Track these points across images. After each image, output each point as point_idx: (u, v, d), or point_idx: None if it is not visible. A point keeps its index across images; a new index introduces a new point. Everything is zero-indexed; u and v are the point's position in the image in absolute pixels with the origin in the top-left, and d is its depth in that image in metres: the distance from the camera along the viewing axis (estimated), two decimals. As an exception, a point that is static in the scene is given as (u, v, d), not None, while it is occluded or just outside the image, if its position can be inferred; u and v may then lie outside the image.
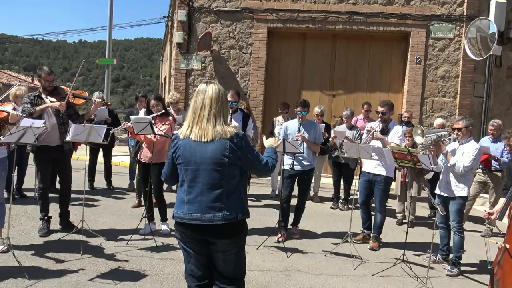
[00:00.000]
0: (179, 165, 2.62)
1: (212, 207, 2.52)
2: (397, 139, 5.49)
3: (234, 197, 2.58)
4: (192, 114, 2.61)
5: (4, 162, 4.59)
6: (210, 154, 2.52)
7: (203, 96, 2.59)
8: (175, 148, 2.64)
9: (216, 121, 2.56)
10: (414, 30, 10.09)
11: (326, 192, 8.66)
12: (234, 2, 10.36)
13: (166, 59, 16.46)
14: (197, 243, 2.62)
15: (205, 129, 2.54)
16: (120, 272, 4.24)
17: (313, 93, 10.61)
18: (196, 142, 2.55)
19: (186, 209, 2.56)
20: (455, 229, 4.85)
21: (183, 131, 2.62)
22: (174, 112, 7.19)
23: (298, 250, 5.29)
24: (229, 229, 2.56)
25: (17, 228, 5.37)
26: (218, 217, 2.51)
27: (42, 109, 4.99)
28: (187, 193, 2.58)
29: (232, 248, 2.61)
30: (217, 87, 2.63)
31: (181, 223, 2.59)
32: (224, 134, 2.54)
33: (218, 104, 2.58)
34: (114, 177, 8.55)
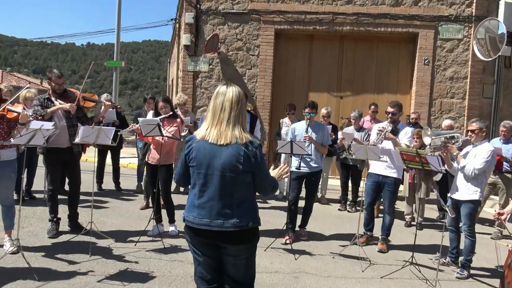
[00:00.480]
0: (192, 168, 2.57)
1: (223, 213, 2.48)
2: (406, 140, 5.46)
3: (246, 205, 2.54)
4: (211, 115, 2.56)
5: (13, 164, 4.63)
6: (224, 159, 2.47)
7: (223, 98, 2.54)
8: (188, 149, 2.59)
9: (235, 125, 2.51)
10: (422, 31, 10.03)
11: (333, 194, 8.62)
12: (241, 4, 10.37)
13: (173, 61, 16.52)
14: (207, 247, 2.58)
15: (224, 131, 2.49)
16: (128, 274, 4.25)
17: (321, 94, 10.58)
18: (211, 145, 2.50)
19: (196, 213, 2.53)
20: (466, 233, 4.80)
21: (200, 132, 2.57)
22: (181, 113, 7.22)
23: (306, 252, 5.28)
24: (239, 236, 2.51)
25: (27, 229, 5.41)
26: (228, 224, 2.47)
27: (52, 111, 5.03)
28: (198, 197, 2.54)
29: (243, 253, 2.57)
30: (237, 90, 2.59)
31: (191, 227, 2.57)
32: (240, 140, 2.48)
33: (238, 108, 2.53)
34: (122, 178, 8.59)
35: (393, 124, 5.48)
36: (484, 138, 4.83)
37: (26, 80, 41.42)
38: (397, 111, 5.46)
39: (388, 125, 5.42)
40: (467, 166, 4.68)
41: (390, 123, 5.45)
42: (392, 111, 5.45)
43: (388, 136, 5.35)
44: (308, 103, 5.73)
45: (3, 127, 4.46)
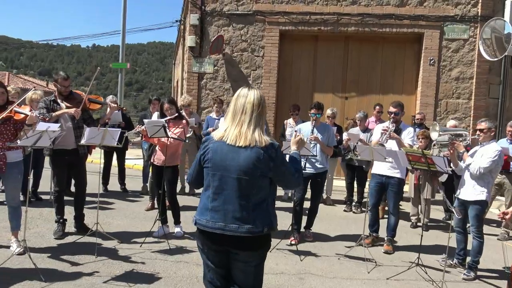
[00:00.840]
0: (207, 169, 2.50)
1: (238, 217, 2.40)
2: (409, 139, 5.47)
3: (261, 209, 2.45)
4: (231, 117, 2.50)
5: (20, 165, 4.66)
6: (242, 162, 2.40)
7: (245, 100, 2.48)
8: (204, 150, 2.52)
9: (255, 127, 2.45)
10: (427, 31, 10.00)
11: (338, 195, 8.60)
12: (246, 6, 10.39)
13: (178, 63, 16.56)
14: (217, 254, 2.51)
15: (244, 133, 2.42)
16: (134, 275, 4.26)
17: (326, 95, 10.57)
18: (229, 147, 2.43)
19: (209, 216, 2.45)
20: (474, 234, 4.78)
21: (218, 133, 2.51)
22: (186, 115, 7.23)
23: (311, 253, 5.27)
24: (253, 241, 2.43)
25: (33, 230, 5.44)
26: (242, 229, 2.39)
27: (57, 115, 5.06)
28: (211, 200, 2.47)
29: (254, 260, 2.50)
30: (259, 93, 2.54)
31: (203, 231, 2.49)
32: (260, 143, 2.41)
33: (259, 111, 2.48)
34: (128, 180, 8.61)
35: (396, 124, 5.47)
36: (492, 138, 4.81)
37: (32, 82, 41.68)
38: (400, 111, 5.46)
39: (391, 125, 5.42)
40: (473, 165, 4.66)
41: (393, 123, 5.44)
42: (395, 111, 5.45)
43: (392, 136, 5.34)
44: (314, 104, 5.73)
45: (9, 129, 4.49)
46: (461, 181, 4.94)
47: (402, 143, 5.34)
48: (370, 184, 5.68)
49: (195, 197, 8.15)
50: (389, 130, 5.32)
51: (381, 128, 5.52)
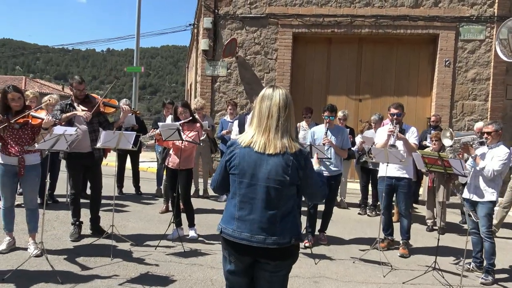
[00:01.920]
0: (233, 176, 2.38)
1: (265, 228, 2.28)
2: (414, 139, 5.46)
3: (289, 220, 2.33)
4: (257, 122, 2.36)
5: (38, 168, 4.73)
6: (271, 169, 2.28)
7: (270, 103, 2.34)
8: (230, 155, 2.39)
9: (283, 133, 2.31)
10: (442, 32, 9.90)
11: (352, 198, 8.55)
12: (259, 9, 10.41)
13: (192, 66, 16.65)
14: (241, 264, 2.40)
15: (272, 140, 2.29)
16: (149, 277, 4.28)
17: (339, 98, 10.52)
18: (257, 154, 2.30)
19: (235, 226, 2.33)
20: (485, 235, 4.72)
21: (246, 139, 2.36)
22: (199, 118, 7.25)
23: (326, 256, 5.23)
24: (280, 253, 2.31)
25: (50, 233, 5.51)
26: (269, 241, 2.27)
27: (67, 116, 5.12)
28: (238, 209, 2.34)
29: (282, 269, 2.39)
30: (285, 92, 2.38)
31: (228, 240, 2.38)
32: (290, 149, 2.29)
33: (286, 113, 2.33)
34: (142, 182, 8.68)
35: (398, 125, 5.45)
36: (499, 140, 4.79)
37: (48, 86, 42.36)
38: (401, 112, 5.46)
39: (395, 126, 5.39)
40: (487, 168, 4.63)
41: (396, 124, 5.41)
42: (397, 112, 5.43)
43: (399, 137, 5.33)
44: (327, 106, 5.71)
45: (27, 133, 4.57)
46: (469, 183, 4.90)
47: (409, 143, 5.34)
48: (379, 187, 5.65)
49: (209, 199, 8.17)
50: (395, 131, 5.30)
51: (386, 130, 5.49)
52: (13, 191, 4.75)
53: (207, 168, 8.47)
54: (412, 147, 5.31)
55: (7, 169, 4.54)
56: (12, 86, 4.59)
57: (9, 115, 4.49)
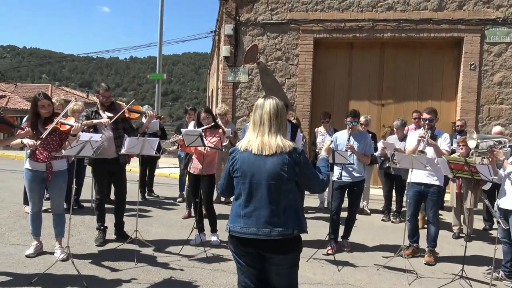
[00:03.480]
0: (236, 178, 2.63)
1: (269, 222, 2.51)
2: (446, 145, 5.32)
3: (290, 212, 2.55)
4: (252, 128, 2.66)
5: (65, 174, 4.84)
6: (269, 168, 2.52)
7: (261, 111, 2.63)
8: (232, 161, 2.65)
9: (277, 134, 2.58)
10: (467, 35, 9.71)
11: (375, 204, 8.43)
12: (280, 15, 10.44)
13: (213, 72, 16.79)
14: (251, 257, 2.61)
15: (267, 142, 2.56)
16: (172, 282, 4.31)
17: (361, 103, 10.42)
18: (255, 156, 2.56)
19: (242, 223, 2.56)
20: None
21: (243, 144, 2.64)
22: (222, 124, 7.30)
23: (349, 263, 5.17)
24: (285, 244, 2.53)
25: (76, 237, 5.61)
26: (275, 232, 2.50)
27: (87, 124, 5.21)
28: (243, 207, 2.58)
29: (286, 263, 2.58)
30: (275, 102, 2.65)
31: (236, 237, 2.59)
32: (284, 148, 2.54)
33: (278, 120, 2.61)
34: (164, 188, 8.79)
35: (430, 131, 5.33)
36: None
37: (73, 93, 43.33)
38: (434, 117, 5.33)
39: (426, 132, 5.28)
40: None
41: (428, 129, 5.29)
42: (429, 118, 5.31)
43: (430, 143, 5.20)
44: (350, 112, 5.66)
45: (55, 139, 4.68)
46: (501, 190, 4.75)
47: (440, 150, 5.20)
48: (407, 193, 5.53)
49: (229, 205, 8.17)
50: (426, 137, 5.18)
51: (417, 135, 5.38)
52: (41, 196, 4.86)
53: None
54: (443, 154, 5.17)
55: (36, 174, 4.66)
56: (42, 93, 4.72)
57: (39, 121, 4.61)
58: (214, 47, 15.90)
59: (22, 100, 33.96)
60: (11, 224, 6.05)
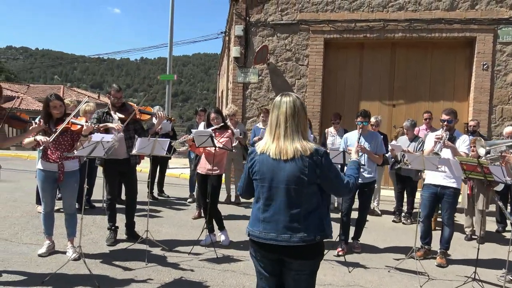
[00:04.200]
0: (255, 181, 2.52)
1: (289, 227, 2.38)
2: (465, 148, 5.23)
3: (313, 217, 2.41)
4: (269, 130, 2.51)
5: (77, 174, 4.88)
6: (288, 172, 2.38)
7: (278, 112, 2.47)
8: (251, 162, 2.54)
9: (294, 138, 2.41)
10: (480, 35, 9.61)
11: (386, 205, 8.38)
12: (290, 15, 10.42)
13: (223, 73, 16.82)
14: (270, 263, 2.51)
15: (283, 146, 2.40)
16: (183, 282, 4.32)
17: (372, 103, 10.37)
18: (273, 160, 2.42)
19: (261, 227, 2.45)
20: None
21: (260, 146, 2.52)
22: (231, 124, 7.31)
23: (359, 264, 5.14)
24: (306, 250, 2.40)
25: (87, 237, 5.65)
26: (295, 238, 2.37)
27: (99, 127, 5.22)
28: (262, 211, 2.47)
29: (306, 269, 2.47)
30: (292, 100, 2.47)
31: (256, 241, 2.49)
32: (304, 151, 2.37)
33: (295, 120, 2.43)
34: (175, 188, 8.81)
35: (449, 132, 5.26)
36: None
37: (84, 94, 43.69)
38: (453, 119, 5.25)
39: (445, 133, 5.21)
40: None
41: (446, 131, 5.23)
42: (448, 119, 5.24)
43: (447, 145, 5.13)
44: (360, 112, 5.63)
45: (67, 140, 4.72)
46: None
47: (457, 152, 5.12)
48: (422, 194, 5.48)
49: (239, 206, 8.19)
50: (443, 138, 5.11)
51: (434, 136, 5.32)
52: (53, 196, 4.91)
53: (239, 175, 8.50)
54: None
55: (48, 175, 4.70)
56: (54, 94, 4.77)
57: (50, 122, 4.65)
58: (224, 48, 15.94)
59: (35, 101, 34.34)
60: (24, 224, 6.12)
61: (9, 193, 8.14)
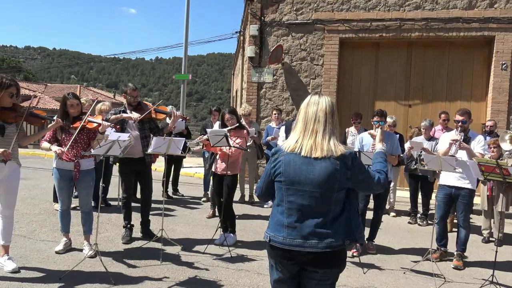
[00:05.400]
0: (279, 183, 2.37)
1: (316, 233, 2.25)
2: (480, 148, 5.14)
3: (340, 221, 2.30)
4: (303, 126, 2.36)
5: (92, 172, 4.93)
6: (318, 175, 2.25)
7: (317, 108, 2.35)
8: (275, 163, 2.38)
9: (330, 136, 2.32)
10: (498, 34, 9.44)
11: (402, 206, 8.29)
12: (305, 15, 10.38)
13: (237, 73, 16.84)
14: (291, 271, 2.36)
15: (319, 143, 2.29)
16: (197, 281, 4.34)
17: (388, 103, 10.27)
18: (303, 159, 2.29)
19: (285, 233, 2.30)
20: None
21: (290, 144, 2.36)
22: (246, 124, 7.31)
23: (374, 266, 5.09)
24: (332, 258, 2.28)
25: (103, 235, 5.71)
26: (322, 245, 2.23)
27: (116, 117, 5.33)
28: (287, 216, 2.32)
29: (329, 278, 2.35)
30: (330, 100, 2.41)
31: (278, 248, 2.32)
32: (336, 153, 2.27)
33: (334, 119, 2.36)
34: (189, 187, 8.84)
35: (464, 133, 5.18)
36: None
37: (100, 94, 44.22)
38: (467, 119, 5.17)
39: (459, 134, 5.13)
40: None
41: (461, 132, 5.15)
42: (462, 119, 5.16)
43: (463, 146, 5.05)
44: (376, 111, 5.58)
45: (83, 138, 4.78)
46: None
47: (473, 153, 5.04)
48: (437, 195, 5.41)
49: (254, 206, 8.19)
50: (458, 140, 5.03)
51: (449, 138, 5.24)
52: (70, 194, 4.97)
53: (253, 174, 8.51)
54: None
55: (64, 173, 4.76)
56: (71, 93, 4.83)
57: (67, 120, 4.71)
58: (238, 47, 15.96)
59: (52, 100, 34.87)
60: (41, 221, 6.21)
61: (28, 191, 8.28)
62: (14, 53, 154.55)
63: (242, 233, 6.05)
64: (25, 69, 64.90)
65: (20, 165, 4.37)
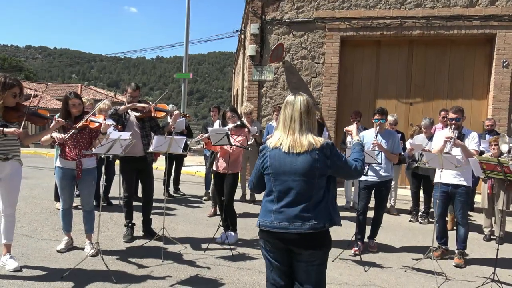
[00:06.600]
0: (268, 176, 2.65)
1: (301, 216, 2.52)
2: (474, 145, 5.17)
3: (321, 207, 2.56)
4: (282, 125, 2.65)
5: (94, 171, 4.94)
6: (301, 165, 2.53)
7: (292, 109, 2.63)
8: (263, 158, 2.68)
9: (308, 132, 2.59)
10: (500, 32, 9.42)
11: (403, 204, 8.29)
12: (306, 13, 10.37)
13: (238, 72, 16.84)
14: (280, 253, 2.62)
15: (298, 141, 2.56)
16: (198, 279, 4.34)
17: (389, 101, 10.26)
18: (286, 153, 2.57)
19: (273, 217, 2.58)
20: None
21: (272, 142, 2.65)
22: (247, 122, 7.31)
23: (376, 264, 5.10)
24: (315, 239, 2.54)
25: (104, 233, 5.72)
26: (306, 226, 2.51)
27: (126, 107, 5.38)
28: (275, 203, 2.60)
29: (316, 259, 2.58)
30: (305, 99, 2.66)
31: (267, 231, 2.61)
32: (316, 145, 2.54)
33: (310, 117, 2.62)
34: (190, 186, 8.85)
35: (457, 130, 5.19)
36: None
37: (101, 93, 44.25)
38: (460, 117, 5.19)
39: (453, 132, 5.14)
40: None
41: (454, 129, 5.16)
42: (456, 117, 5.17)
43: (457, 144, 5.06)
44: (377, 109, 5.58)
45: (85, 137, 4.78)
46: None
47: (468, 150, 5.06)
48: (434, 194, 5.42)
49: (255, 204, 8.20)
50: (453, 138, 5.04)
51: (443, 136, 5.25)
52: (71, 193, 4.98)
53: (254, 172, 8.50)
54: (472, 154, 5.01)
55: (66, 172, 4.77)
56: (73, 92, 4.84)
57: (69, 120, 4.72)
58: (239, 46, 15.94)
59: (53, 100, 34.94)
60: (43, 220, 6.23)
61: (29, 190, 8.29)
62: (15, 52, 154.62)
63: (243, 232, 6.05)
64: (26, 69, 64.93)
65: (21, 164, 4.38)
